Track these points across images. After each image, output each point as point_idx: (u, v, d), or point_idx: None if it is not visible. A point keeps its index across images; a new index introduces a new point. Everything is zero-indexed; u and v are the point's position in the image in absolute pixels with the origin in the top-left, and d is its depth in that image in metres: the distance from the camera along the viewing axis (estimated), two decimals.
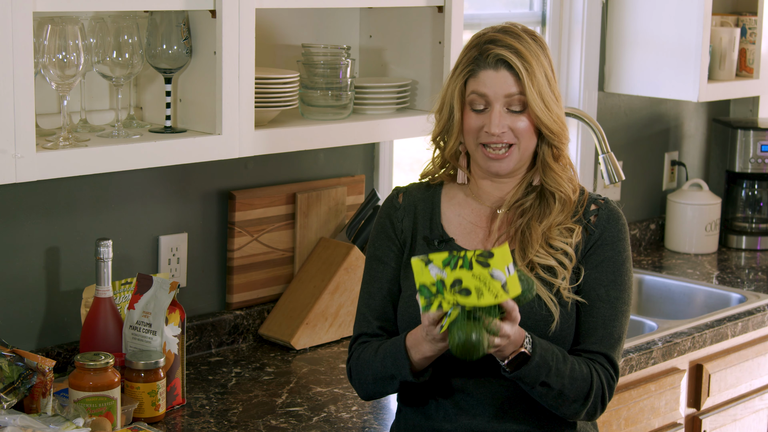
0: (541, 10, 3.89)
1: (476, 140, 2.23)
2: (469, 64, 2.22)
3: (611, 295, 2.25)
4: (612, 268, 2.25)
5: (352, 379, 2.31)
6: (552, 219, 2.24)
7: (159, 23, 2.54)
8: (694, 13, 3.74)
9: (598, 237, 2.26)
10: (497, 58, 2.19)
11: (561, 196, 2.25)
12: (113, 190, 2.78)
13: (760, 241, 4.20)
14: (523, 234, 2.24)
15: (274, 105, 2.71)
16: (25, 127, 2.23)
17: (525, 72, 2.18)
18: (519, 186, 2.28)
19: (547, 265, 2.22)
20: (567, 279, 2.22)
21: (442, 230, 2.30)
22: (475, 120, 2.22)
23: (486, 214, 2.31)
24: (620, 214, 2.30)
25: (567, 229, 2.25)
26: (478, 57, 2.21)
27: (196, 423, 2.52)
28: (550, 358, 2.15)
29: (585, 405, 2.21)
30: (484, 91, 2.20)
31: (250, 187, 3.04)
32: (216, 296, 3.03)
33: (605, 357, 2.24)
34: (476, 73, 2.21)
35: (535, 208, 2.26)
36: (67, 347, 2.70)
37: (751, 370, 3.41)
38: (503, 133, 2.20)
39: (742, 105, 4.50)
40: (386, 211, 2.35)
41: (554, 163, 2.25)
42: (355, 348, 2.30)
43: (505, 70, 2.19)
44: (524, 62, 2.18)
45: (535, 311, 2.20)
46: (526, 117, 2.20)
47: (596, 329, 2.24)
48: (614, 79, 3.96)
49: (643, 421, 3.05)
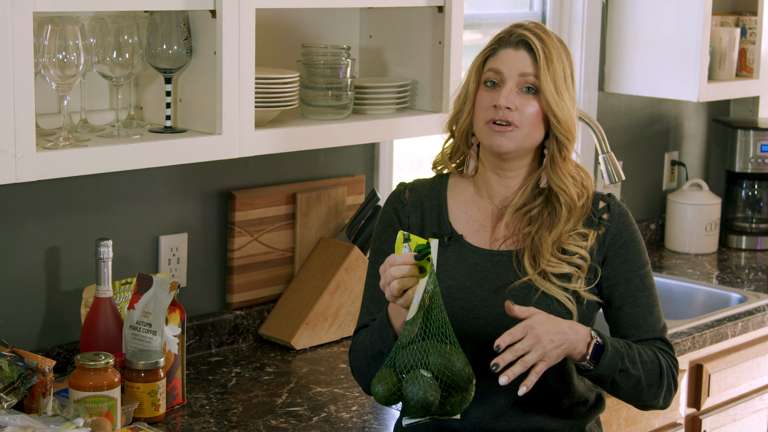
0: (541, 10, 3.89)
1: (484, 118, 2.24)
2: (492, 45, 2.28)
3: (647, 283, 2.29)
4: (639, 258, 2.29)
5: (353, 371, 2.30)
6: (561, 228, 2.25)
7: (159, 23, 2.54)
8: (694, 13, 3.74)
9: (617, 232, 2.28)
10: (519, 38, 2.24)
11: (566, 200, 2.25)
12: (113, 190, 2.78)
13: (760, 241, 4.20)
14: (533, 242, 2.25)
15: (274, 105, 2.71)
16: (25, 127, 2.23)
17: (543, 55, 2.22)
18: (525, 186, 2.29)
19: (561, 273, 2.23)
20: (582, 281, 2.23)
21: (451, 227, 2.30)
22: (486, 97, 2.25)
23: (492, 212, 2.31)
24: (628, 210, 2.34)
25: (580, 234, 2.26)
26: (503, 37, 2.27)
27: (196, 423, 2.52)
28: (618, 345, 2.17)
29: (661, 387, 2.23)
30: (499, 67, 2.24)
31: (250, 187, 3.04)
32: (216, 296, 3.03)
33: (661, 341, 2.27)
34: (497, 52, 2.26)
35: (544, 217, 2.26)
36: (67, 347, 2.70)
37: (751, 370, 3.41)
38: (508, 109, 2.21)
39: (742, 105, 4.50)
40: (392, 206, 2.35)
41: (561, 160, 2.26)
42: (353, 338, 2.31)
43: (525, 50, 2.24)
44: (544, 47, 2.22)
45: (553, 307, 2.21)
46: (537, 102, 2.23)
47: (645, 318, 2.27)
48: (614, 79, 3.96)
49: (643, 421, 3.05)
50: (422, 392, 2.01)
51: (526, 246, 2.25)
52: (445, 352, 2.03)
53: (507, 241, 2.27)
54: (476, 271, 2.24)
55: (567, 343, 2.09)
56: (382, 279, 2.08)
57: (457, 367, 2.03)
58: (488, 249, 2.28)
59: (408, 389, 2.02)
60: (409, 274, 2.05)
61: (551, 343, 2.07)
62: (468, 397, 2.06)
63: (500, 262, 2.26)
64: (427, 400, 2.01)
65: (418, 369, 2.02)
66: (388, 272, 2.05)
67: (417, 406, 2.01)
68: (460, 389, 2.04)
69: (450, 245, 2.27)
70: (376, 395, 2.06)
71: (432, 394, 2.01)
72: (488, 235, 2.29)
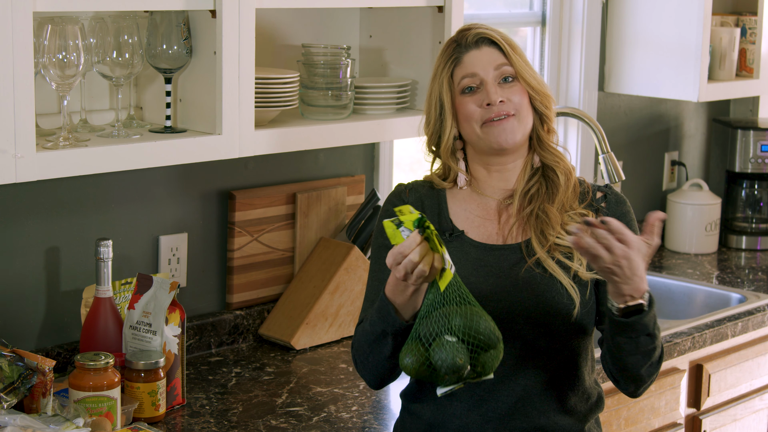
0: (541, 10, 3.89)
1: (479, 122, 2.25)
2: (450, 56, 2.29)
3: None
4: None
5: (357, 364, 2.28)
6: (561, 195, 2.28)
7: (159, 23, 2.54)
8: (694, 13, 3.74)
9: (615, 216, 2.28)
10: (477, 37, 2.28)
11: (562, 168, 2.29)
12: (113, 190, 2.78)
13: (760, 241, 4.20)
14: (538, 218, 2.26)
15: (274, 105, 2.71)
16: (25, 127, 2.23)
17: (506, 44, 2.27)
18: (523, 172, 2.31)
19: (566, 247, 2.23)
20: (584, 262, 2.23)
21: (452, 224, 2.30)
22: (470, 102, 2.26)
23: (493, 206, 2.32)
24: (625, 197, 2.35)
25: (580, 214, 2.28)
26: (458, 45, 2.29)
27: (196, 423, 2.52)
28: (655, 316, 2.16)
29: (657, 369, 2.24)
30: (473, 70, 2.26)
31: (250, 187, 3.04)
32: (216, 296, 3.03)
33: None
34: (460, 60, 2.28)
35: (543, 192, 2.28)
36: (67, 347, 2.70)
37: (751, 370, 3.41)
38: (502, 102, 2.24)
39: (742, 105, 4.50)
40: (393, 203, 2.35)
41: (546, 135, 2.31)
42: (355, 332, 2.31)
43: (487, 46, 2.28)
44: (501, 36, 2.28)
45: (557, 299, 2.21)
46: (519, 86, 2.27)
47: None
48: (614, 79, 3.96)
49: (643, 421, 3.05)
50: (450, 357, 1.99)
51: (531, 225, 2.26)
52: (467, 314, 2.02)
53: (515, 226, 2.28)
54: (479, 265, 2.25)
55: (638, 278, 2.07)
56: (398, 272, 2.04)
57: (481, 326, 2.01)
58: (491, 243, 2.28)
59: (436, 356, 2.00)
60: (424, 253, 2.03)
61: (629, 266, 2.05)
62: (498, 355, 2.03)
63: (503, 256, 2.26)
64: (456, 363, 1.99)
65: (442, 335, 2.01)
66: (408, 260, 2.02)
67: (448, 372, 1.99)
68: (488, 347, 2.02)
69: (451, 241, 2.28)
70: (405, 368, 2.04)
71: (461, 357, 1.99)
72: (492, 227, 2.30)
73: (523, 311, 2.21)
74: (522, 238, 2.28)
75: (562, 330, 2.23)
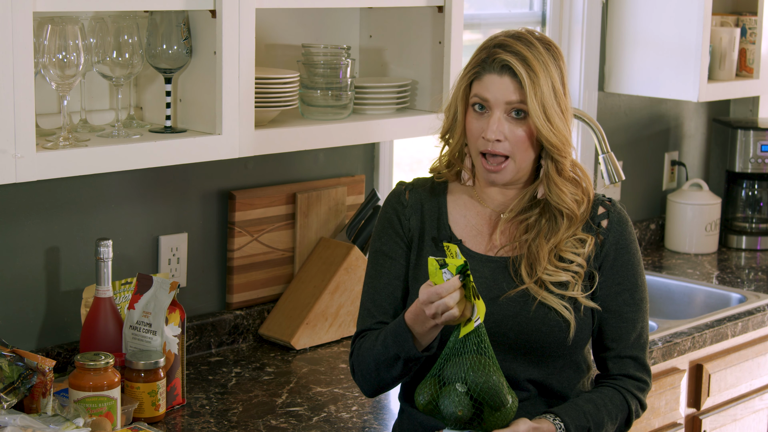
0: (541, 10, 3.89)
1: (476, 148, 2.23)
2: (475, 66, 2.21)
3: (636, 298, 2.28)
4: (632, 270, 2.28)
5: (355, 374, 2.29)
6: (560, 236, 2.23)
7: (159, 23, 2.54)
8: (694, 13, 3.74)
9: (614, 242, 2.26)
10: (502, 64, 2.17)
11: (567, 213, 2.23)
12: (113, 190, 2.78)
13: (760, 241, 4.20)
14: (530, 250, 2.23)
15: (274, 105, 2.71)
16: (25, 127, 2.23)
17: (528, 80, 2.15)
18: (523, 195, 2.27)
19: (558, 281, 2.22)
20: (579, 288, 2.22)
21: (451, 232, 2.29)
22: (476, 122, 2.22)
23: (489, 218, 2.29)
24: (628, 217, 2.31)
25: (578, 240, 2.25)
26: (485, 60, 2.20)
27: (196, 423, 2.52)
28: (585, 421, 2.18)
29: (629, 425, 2.28)
30: (485, 95, 2.19)
31: (250, 187, 3.04)
32: (216, 296, 3.03)
33: (636, 361, 2.28)
34: (481, 76, 2.20)
35: (542, 225, 2.24)
36: (67, 347, 2.70)
37: (751, 370, 3.41)
38: (498, 142, 2.18)
39: (742, 105, 4.50)
40: (393, 207, 2.34)
41: (557, 176, 2.22)
42: (357, 342, 2.30)
43: (509, 76, 2.17)
44: (529, 70, 2.15)
45: (551, 320, 2.20)
46: (526, 126, 2.18)
47: (628, 333, 2.27)
48: (614, 79, 3.96)
49: (642, 421, 3.05)
50: (453, 406, 2.06)
51: (523, 254, 2.23)
52: (483, 368, 2.07)
53: (504, 248, 2.27)
54: (474, 277, 2.24)
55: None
56: (429, 309, 2.06)
57: (489, 384, 2.06)
58: (485, 255, 2.27)
59: (442, 402, 2.08)
60: (459, 299, 2.06)
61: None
62: (502, 417, 2.08)
63: (497, 269, 2.25)
64: (456, 414, 2.06)
65: (454, 383, 2.07)
66: (442, 303, 2.05)
67: (449, 419, 2.07)
68: (492, 407, 2.07)
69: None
70: (417, 402, 2.12)
71: (461, 409, 2.06)
72: (485, 240, 2.29)
73: (514, 326, 2.21)
74: (513, 254, 2.27)
75: (555, 349, 2.23)
